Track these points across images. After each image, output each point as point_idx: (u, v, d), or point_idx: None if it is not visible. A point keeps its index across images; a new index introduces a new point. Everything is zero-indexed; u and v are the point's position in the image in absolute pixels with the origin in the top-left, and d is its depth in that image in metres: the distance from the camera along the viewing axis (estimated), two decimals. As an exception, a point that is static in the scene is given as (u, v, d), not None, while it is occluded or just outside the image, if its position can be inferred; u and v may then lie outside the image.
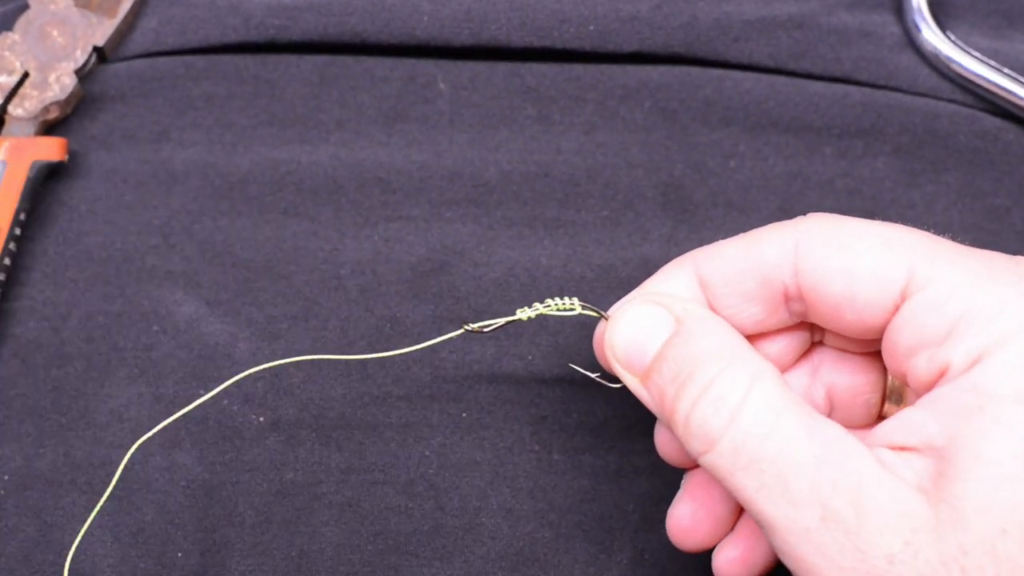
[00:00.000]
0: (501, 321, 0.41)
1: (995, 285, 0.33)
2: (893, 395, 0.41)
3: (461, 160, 0.51)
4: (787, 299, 0.37)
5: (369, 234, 0.49)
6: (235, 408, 0.47)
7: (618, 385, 0.41)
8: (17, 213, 0.48)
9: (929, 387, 0.34)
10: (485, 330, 0.41)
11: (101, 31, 0.50)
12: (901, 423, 0.34)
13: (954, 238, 0.50)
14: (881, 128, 0.51)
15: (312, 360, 0.46)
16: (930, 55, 0.51)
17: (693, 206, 0.50)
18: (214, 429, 0.47)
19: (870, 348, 0.39)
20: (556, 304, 0.40)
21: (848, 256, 0.35)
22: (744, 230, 0.49)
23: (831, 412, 0.41)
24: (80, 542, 0.45)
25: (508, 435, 0.48)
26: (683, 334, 0.36)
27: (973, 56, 0.51)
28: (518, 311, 0.41)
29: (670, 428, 0.36)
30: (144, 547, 0.46)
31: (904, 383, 0.36)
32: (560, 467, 0.48)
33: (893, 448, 0.34)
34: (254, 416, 0.47)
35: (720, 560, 0.41)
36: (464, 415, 0.48)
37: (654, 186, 0.51)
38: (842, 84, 0.52)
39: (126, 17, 0.51)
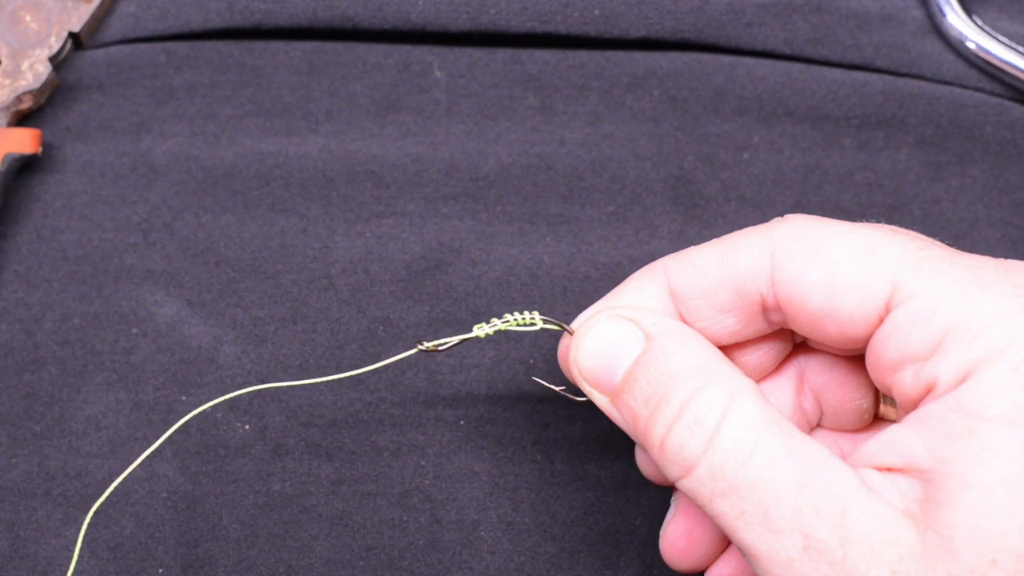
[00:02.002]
0: (456, 340, 0.41)
1: (984, 295, 0.32)
2: (888, 397, 0.40)
3: (458, 152, 0.50)
4: (764, 309, 0.37)
5: (361, 231, 0.49)
6: (219, 415, 0.47)
7: (583, 399, 0.40)
8: (-12, 209, 0.48)
9: (915, 403, 0.34)
10: (440, 348, 0.40)
11: (77, 16, 0.50)
12: (887, 442, 0.34)
13: (980, 234, 0.50)
14: (903, 118, 0.51)
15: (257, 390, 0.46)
16: (955, 41, 0.51)
17: (704, 201, 0.50)
18: (197, 438, 0.47)
19: (856, 353, 0.38)
20: (516, 319, 0.40)
21: (827, 266, 0.35)
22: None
23: (821, 418, 0.40)
24: (53, 556, 0.45)
25: (508, 444, 0.48)
26: (654, 351, 0.36)
27: (1001, 42, 0.50)
28: (475, 327, 0.40)
29: (645, 450, 0.36)
30: (123, 563, 0.46)
31: (890, 396, 0.36)
32: (563, 478, 0.48)
33: (879, 469, 0.34)
34: (239, 424, 0.47)
35: None
36: (462, 423, 0.48)
37: (663, 180, 0.50)
38: (862, 71, 0.51)
39: (103, 1, 0.50)
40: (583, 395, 0.41)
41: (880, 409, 0.41)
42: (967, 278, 0.33)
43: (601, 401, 0.37)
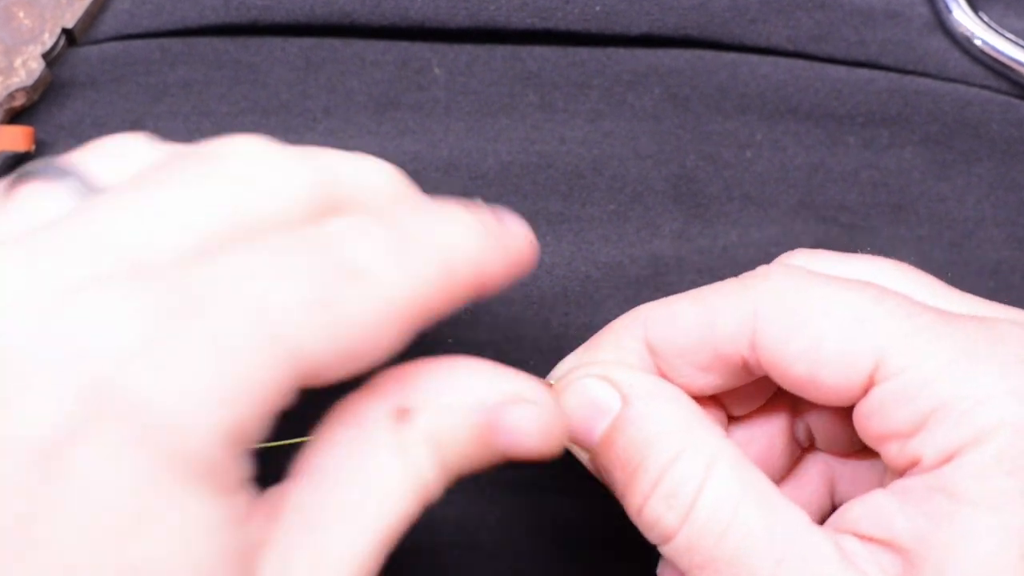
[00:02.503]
0: None
1: (976, 372, 0.32)
2: None
3: (457, 150, 0.50)
4: (747, 368, 0.36)
5: None
6: None
7: None
8: (-20, 207, 0.47)
9: (900, 472, 0.34)
10: None
11: (71, 12, 0.49)
12: (872, 508, 0.34)
13: (986, 232, 0.50)
14: (909, 116, 0.50)
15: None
16: (962, 38, 0.51)
17: (707, 200, 0.50)
18: None
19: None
20: None
21: (811, 336, 0.34)
22: (762, 225, 0.50)
23: (813, 443, 0.40)
24: None
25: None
26: (629, 415, 0.35)
27: (1008, 39, 0.50)
28: None
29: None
30: None
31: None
32: (564, 480, 0.47)
33: (860, 538, 0.33)
34: None
35: None
36: None
37: (665, 178, 0.50)
38: (867, 69, 0.51)
39: None
40: None
41: None
42: (958, 353, 0.32)
43: (583, 458, 0.37)
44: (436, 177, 0.50)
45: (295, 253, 0.28)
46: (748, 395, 0.39)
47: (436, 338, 0.45)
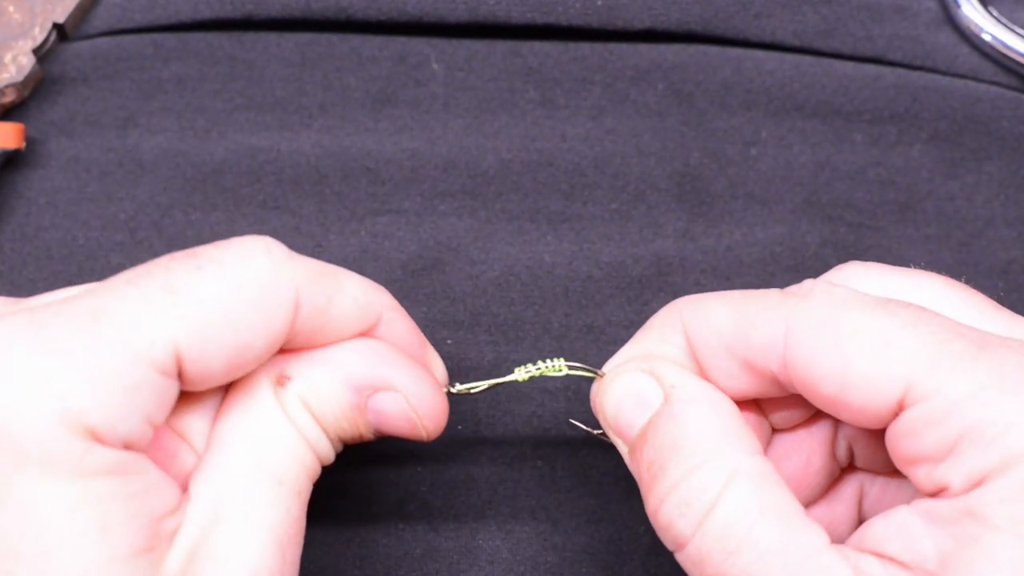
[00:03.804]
0: (486, 384, 0.42)
1: (1003, 398, 0.33)
2: None
3: (457, 148, 0.50)
4: (777, 382, 0.37)
5: (356, 229, 0.49)
6: None
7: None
8: (-31, 206, 0.48)
9: (929, 495, 0.34)
10: (472, 392, 0.42)
11: (62, 7, 0.50)
12: (898, 528, 0.34)
13: (996, 232, 0.50)
14: (917, 113, 0.51)
15: None
16: (970, 33, 0.51)
17: (711, 198, 0.50)
18: None
19: None
20: (545, 367, 0.42)
21: (840, 359, 0.35)
22: (767, 225, 0.51)
23: (852, 463, 0.41)
24: None
25: (508, 449, 0.48)
26: (666, 415, 0.36)
27: (1018, 34, 0.51)
28: (514, 372, 0.42)
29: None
30: None
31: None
32: (565, 484, 0.48)
33: (882, 558, 0.34)
34: None
35: None
36: (460, 427, 0.48)
37: (668, 176, 0.50)
38: (874, 64, 0.52)
39: None
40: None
41: None
42: (986, 379, 0.33)
43: (622, 450, 0.38)
44: (435, 175, 0.50)
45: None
46: (790, 409, 0.39)
47: (435, 340, 0.46)
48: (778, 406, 0.39)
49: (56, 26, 0.50)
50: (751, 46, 0.51)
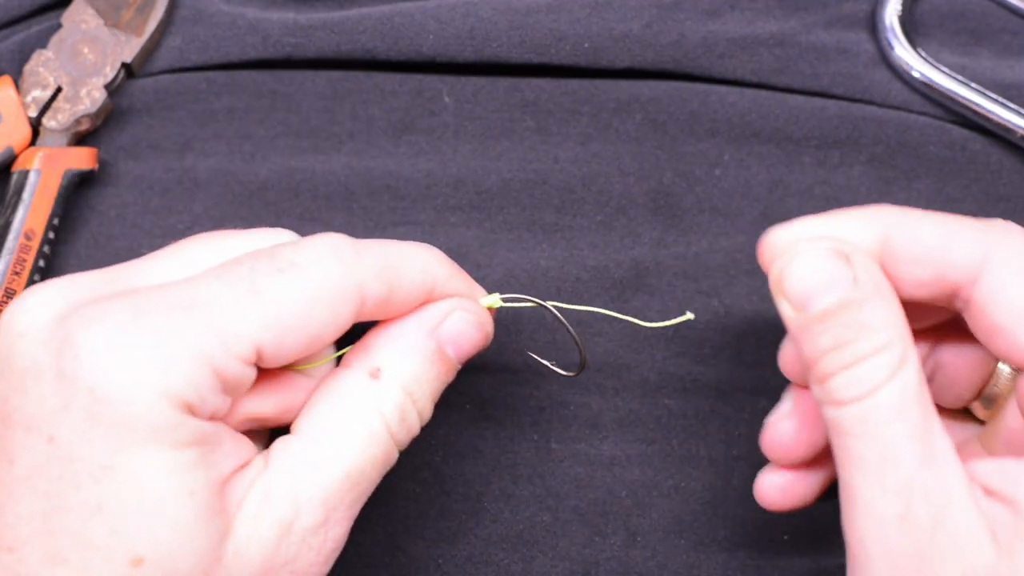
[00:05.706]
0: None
1: None
2: (986, 399, 0.41)
3: (465, 169, 0.51)
4: (950, 300, 0.37)
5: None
6: None
7: (571, 374, 0.43)
8: (51, 218, 0.49)
9: None
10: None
11: (129, 49, 0.51)
12: (999, 467, 0.35)
13: None
14: (856, 139, 0.51)
15: None
16: (903, 71, 0.51)
17: (681, 211, 0.50)
18: None
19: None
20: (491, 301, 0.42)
21: None
22: (729, 234, 0.50)
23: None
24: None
25: (508, 425, 0.48)
26: (857, 299, 0.35)
27: (942, 71, 0.51)
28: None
29: (804, 364, 0.36)
30: None
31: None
32: (557, 455, 0.48)
33: (985, 490, 0.34)
34: None
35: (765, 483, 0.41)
36: (467, 406, 0.48)
37: (645, 193, 0.51)
38: (820, 98, 0.51)
39: (152, 35, 0.51)
40: (570, 370, 0.43)
41: (973, 404, 0.42)
42: None
43: (791, 317, 0.36)
44: (447, 192, 0.50)
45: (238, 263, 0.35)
46: (914, 325, 0.38)
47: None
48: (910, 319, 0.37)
49: (124, 65, 0.50)
50: (716, 82, 0.51)
